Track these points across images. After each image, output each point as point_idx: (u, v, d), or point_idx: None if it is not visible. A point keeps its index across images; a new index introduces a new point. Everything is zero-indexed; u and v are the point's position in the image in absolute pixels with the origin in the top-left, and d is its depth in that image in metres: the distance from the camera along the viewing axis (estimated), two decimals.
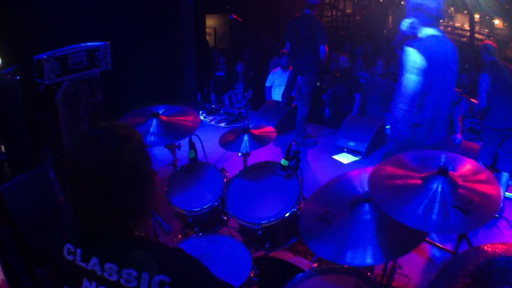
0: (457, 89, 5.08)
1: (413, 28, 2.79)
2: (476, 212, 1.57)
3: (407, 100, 2.70)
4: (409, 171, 1.83)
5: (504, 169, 4.08)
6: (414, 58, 2.61)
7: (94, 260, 1.09)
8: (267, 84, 6.72)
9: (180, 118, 2.96)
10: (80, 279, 1.11)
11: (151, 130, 2.78)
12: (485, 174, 1.78)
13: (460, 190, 1.67)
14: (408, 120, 2.77)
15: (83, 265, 1.11)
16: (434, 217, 1.59)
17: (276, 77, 6.53)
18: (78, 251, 1.12)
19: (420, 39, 2.73)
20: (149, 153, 1.17)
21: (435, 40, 2.68)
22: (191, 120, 2.93)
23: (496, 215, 3.73)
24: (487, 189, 1.69)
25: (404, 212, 1.63)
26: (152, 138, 2.73)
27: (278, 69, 6.53)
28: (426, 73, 2.61)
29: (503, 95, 3.97)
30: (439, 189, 1.68)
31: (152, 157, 1.20)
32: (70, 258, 1.13)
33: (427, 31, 2.72)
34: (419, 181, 1.75)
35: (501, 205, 3.83)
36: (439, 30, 2.73)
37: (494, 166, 4.17)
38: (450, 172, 1.74)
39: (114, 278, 1.06)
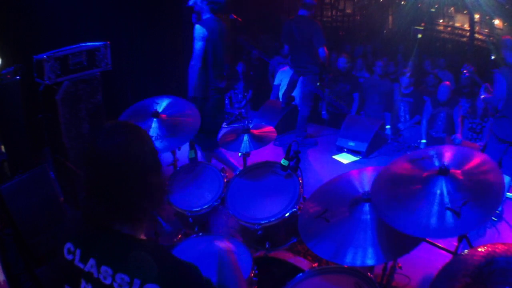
0: (468, 64, 4.99)
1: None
2: (470, 213, 1.56)
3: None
4: (411, 172, 1.82)
5: (507, 173, 3.89)
6: (198, 30, 3.66)
7: (91, 261, 1.09)
8: (276, 82, 6.70)
9: (181, 118, 2.93)
10: (78, 280, 1.11)
11: (152, 133, 2.72)
12: (488, 165, 1.75)
13: (460, 188, 1.66)
14: None
15: (81, 266, 1.11)
16: (433, 222, 1.58)
17: (284, 76, 6.49)
18: (78, 251, 1.13)
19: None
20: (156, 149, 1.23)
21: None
22: (192, 118, 2.89)
23: (495, 218, 3.70)
24: (490, 177, 1.66)
25: (406, 222, 1.62)
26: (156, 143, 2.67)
27: (287, 68, 6.47)
28: (208, 40, 3.69)
29: None
30: (438, 192, 1.67)
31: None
32: (70, 258, 1.14)
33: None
34: (419, 186, 1.74)
35: (500, 208, 3.79)
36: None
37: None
38: (452, 170, 1.72)
39: (108, 281, 1.06)
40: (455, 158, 1.81)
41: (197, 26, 3.66)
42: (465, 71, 4.85)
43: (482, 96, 4.14)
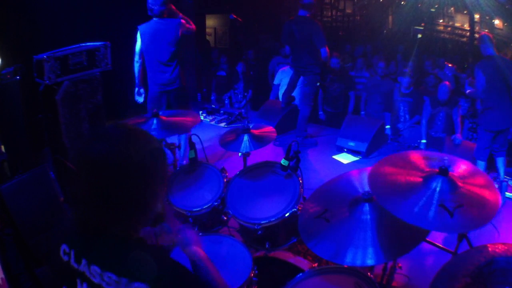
0: (450, 65, 5.10)
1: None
2: (463, 217, 1.56)
3: None
4: (410, 169, 1.83)
5: (499, 155, 4.19)
6: (137, 32, 4.16)
7: (84, 261, 1.10)
8: (275, 82, 6.69)
9: (180, 118, 2.97)
10: (74, 280, 1.12)
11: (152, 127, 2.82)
12: (484, 179, 1.77)
13: (458, 192, 1.67)
14: None
15: (76, 266, 1.12)
16: (430, 214, 1.59)
17: (284, 76, 6.49)
18: (72, 251, 1.13)
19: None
20: (165, 159, 1.18)
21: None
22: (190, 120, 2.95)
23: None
24: (486, 194, 1.67)
25: (402, 207, 1.62)
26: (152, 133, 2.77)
27: (287, 68, 6.46)
28: (142, 41, 4.17)
29: (496, 95, 3.94)
30: (438, 188, 1.68)
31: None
32: (66, 258, 1.14)
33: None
34: (420, 179, 1.75)
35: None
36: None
37: (490, 161, 4.24)
38: (451, 173, 1.73)
39: (97, 280, 1.06)
40: (459, 167, 1.82)
41: (138, 29, 4.20)
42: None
43: (468, 91, 4.33)
